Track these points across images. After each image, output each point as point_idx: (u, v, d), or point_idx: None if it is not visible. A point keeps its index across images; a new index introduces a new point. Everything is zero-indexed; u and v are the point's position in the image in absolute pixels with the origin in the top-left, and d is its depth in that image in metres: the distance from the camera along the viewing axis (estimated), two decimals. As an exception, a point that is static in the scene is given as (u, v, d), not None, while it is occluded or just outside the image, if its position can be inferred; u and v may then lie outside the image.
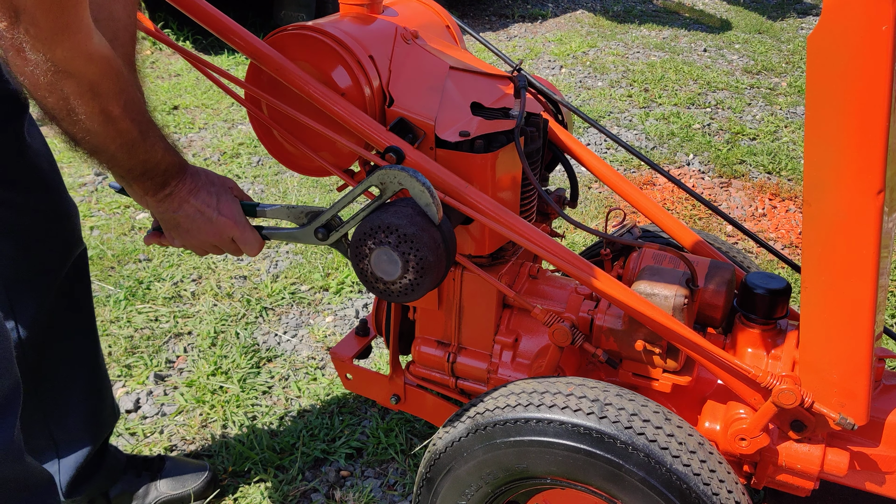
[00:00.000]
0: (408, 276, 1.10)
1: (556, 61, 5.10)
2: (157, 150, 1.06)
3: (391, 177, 1.10)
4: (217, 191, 1.17)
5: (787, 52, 5.52)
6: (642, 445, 1.07)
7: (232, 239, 1.19)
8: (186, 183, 1.14)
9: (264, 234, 1.23)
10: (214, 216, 1.16)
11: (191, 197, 1.14)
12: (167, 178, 1.11)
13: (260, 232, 1.22)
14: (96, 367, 1.58)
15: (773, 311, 1.28)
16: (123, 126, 0.98)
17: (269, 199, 3.13)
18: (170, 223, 1.16)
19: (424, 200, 1.09)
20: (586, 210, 3.08)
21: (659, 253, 1.41)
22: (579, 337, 1.28)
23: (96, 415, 1.57)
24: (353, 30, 1.29)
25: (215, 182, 1.18)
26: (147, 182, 1.10)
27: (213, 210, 1.16)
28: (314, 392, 2.05)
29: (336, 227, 1.21)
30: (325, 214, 1.19)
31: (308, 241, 1.22)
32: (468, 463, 1.21)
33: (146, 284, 2.51)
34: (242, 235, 1.19)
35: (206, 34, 5.04)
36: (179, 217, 1.15)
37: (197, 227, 1.16)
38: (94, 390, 1.57)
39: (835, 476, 1.22)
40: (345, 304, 2.46)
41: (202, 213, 1.15)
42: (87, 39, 0.87)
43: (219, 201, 1.17)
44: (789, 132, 3.98)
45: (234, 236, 1.19)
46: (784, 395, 1.12)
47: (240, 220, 1.19)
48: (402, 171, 1.09)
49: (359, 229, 1.13)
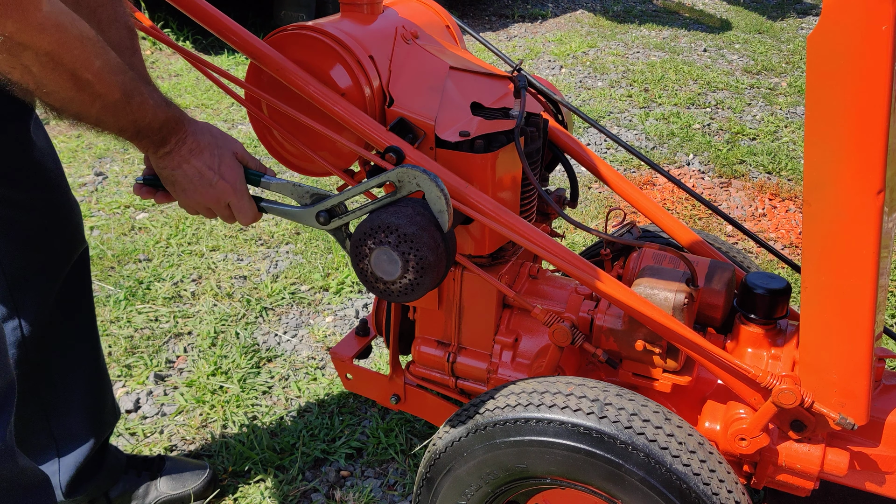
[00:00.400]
0: (408, 275, 1.10)
1: (556, 61, 5.10)
2: (146, 109, 1.02)
3: (410, 176, 1.09)
4: (221, 153, 1.13)
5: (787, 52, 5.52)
6: (642, 445, 1.07)
7: (228, 205, 1.16)
8: (187, 142, 1.10)
9: (262, 207, 1.20)
10: (214, 180, 1.12)
11: (191, 157, 1.10)
12: (165, 135, 1.07)
13: (258, 203, 1.19)
14: (97, 366, 1.58)
15: (773, 311, 1.28)
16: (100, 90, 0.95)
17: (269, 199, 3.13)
18: (167, 179, 1.13)
19: (438, 207, 1.09)
20: (586, 210, 3.08)
21: (659, 253, 1.41)
22: (579, 337, 1.28)
23: (97, 413, 1.57)
24: (353, 30, 1.29)
25: (220, 143, 1.14)
26: (144, 141, 1.06)
27: (213, 173, 1.12)
28: (314, 392, 2.05)
29: (339, 214, 1.18)
30: (331, 199, 1.17)
31: (307, 223, 1.19)
32: (468, 463, 1.21)
33: (146, 284, 2.51)
34: (239, 203, 1.16)
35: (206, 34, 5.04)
36: (177, 175, 1.11)
37: (194, 188, 1.12)
38: (95, 389, 1.57)
39: (835, 476, 1.22)
40: (345, 304, 2.46)
41: (202, 175, 1.11)
42: (35, 10, 0.84)
43: (221, 164, 1.13)
44: (789, 132, 3.98)
45: (231, 203, 1.16)
46: (784, 395, 1.12)
47: (239, 188, 1.15)
48: (423, 174, 1.08)
49: (359, 229, 1.12)
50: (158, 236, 2.80)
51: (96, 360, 1.58)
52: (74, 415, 1.53)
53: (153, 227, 2.87)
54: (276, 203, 1.20)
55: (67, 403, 1.52)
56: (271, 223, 2.94)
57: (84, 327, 1.54)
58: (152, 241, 2.77)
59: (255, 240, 2.83)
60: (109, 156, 3.50)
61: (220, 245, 2.77)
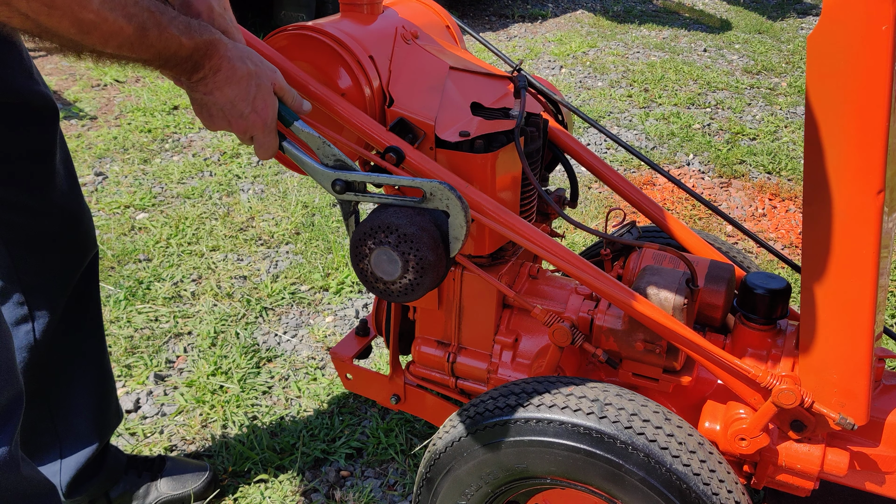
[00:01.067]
0: (408, 276, 1.10)
1: (556, 61, 5.10)
2: (168, 39, 0.96)
3: (444, 195, 1.07)
4: (259, 83, 1.08)
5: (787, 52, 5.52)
6: (642, 445, 1.07)
7: (251, 136, 1.12)
8: (223, 68, 1.04)
9: (283, 146, 1.15)
10: (246, 111, 1.07)
11: (226, 85, 1.05)
12: (196, 62, 1.02)
13: (280, 141, 1.15)
14: (103, 368, 1.58)
15: (773, 311, 1.28)
16: (109, 28, 0.90)
17: (269, 198, 3.13)
18: (198, 101, 1.08)
19: (456, 234, 1.07)
20: (586, 210, 3.08)
21: (659, 253, 1.41)
22: (579, 337, 1.28)
23: (101, 415, 1.57)
24: (353, 30, 1.29)
25: (259, 73, 1.08)
26: (175, 69, 1.01)
27: (246, 105, 1.07)
28: (314, 392, 2.05)
29: (357, 190, 1.14)
30: (355, 174, 1.13)
31: (321, 181, 1.15)
32: (468, 463, 1.21)
33: (146, 284, 2.51)
34: (264, 139, 1.12)
35: (206, 34, 5.03)
36: (208, 101, 1.06)
37: (223, 115, 1.07)
38: (101, 390, 1.58)
39: (835, 476, 1.22)
40: (345, 304, 2.46)
41: (234, 106, 1.06)
42: None
43: (256, 97, 1.08)
44: (789, 132, 3.98)
45: (257, 136, 1.11)
46: (784, 395, 1.12)
47: (269, 125, 1.11)
48: (458, 199, 1.06)
49: (358, 229, 1.12)
50: (158, 236, 2.80)
51: (102, 361, 1.58)
52: (80, 416, 1.53)
53: (153, 227, 2.87)
54: (297, 149, 1.15)
55: (73, 405, 1.52)
56: (271, 223, 2.94)
57: (91, 330, 1.55)
58: (152, 241, 2.77)
59: (255, 240, 2.83)
60: (109, 156, 3.50)
61: (220, 245, 2.77)
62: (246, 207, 3.05)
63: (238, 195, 3.16)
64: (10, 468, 1.07)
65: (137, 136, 3.72)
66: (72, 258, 1.44)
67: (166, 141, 3.70)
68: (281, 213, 3.02)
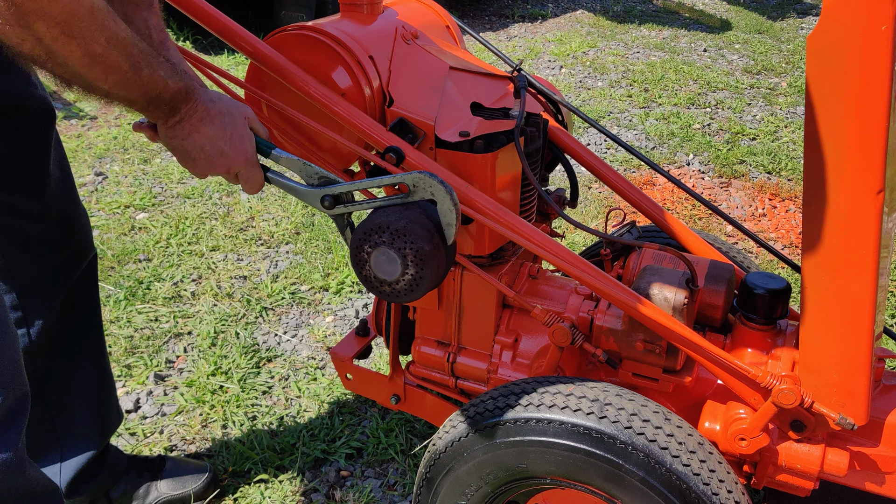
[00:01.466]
0: (409, 271, 1.10)
1: (556, 61, 5.10)
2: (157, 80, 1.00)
3: (426, 183, 1.08)
4: (232, 121, 1.11)
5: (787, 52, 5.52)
6: (642, 445, 1.07)
7: (236, 174, 1.14)
8: (198, 110, 1.08)
9: (268, 177, 1.18)
10: (225, 148, 1.10)
11: (202, 126, 1.08)
12: (175, 105, 1.05)
13: (265, 173, 1.17)
14: (102, 369, 1.58)
15: (773, 311, 1.27)
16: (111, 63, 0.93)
17: (268, 198, 3.13)
18: (177, 148, 1.11)
19: (448, 220, 1.08)
20: (586, 210, 3.08)
21: (659, 253, 1.41)
22: (579, 337, 1.28)
23: (101, 416, 1.57)
24: (353, 30, 1.29)
25: (232, 111, 1.12)
26: (154, 111, 1.05)
27: (224, 142, 1.10)
28: (314, 392, 2.05)
29: (345, 202, 1.16)
30: (340, 186, 1.14)
31: (310, 202, 1.17)
32: (468, 463, 1.21)
33: (146, 284, 2.51)
34: (248, 173, 1.14)
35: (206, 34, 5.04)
36: (187, 145, 1.09)
37: (204, 156, 1.10)
38: (100, 392, 1.58)
39: (835, 476, 1.22)
40: (345, 304, 2.46)
41: (213, 144, 1.09)
42: None
43: (232, 133, 1.11)
44: (789, 132, 3.98)
45: (241, 172, 1.14)
46: (784, 395, 1.12)
47: (250, 158, 1.13)
48: (440, 184, 1.07)
49: (353, 238, 1.13)
50: (158, 236, 2.80)
51: (102, 363, 1.58)
52: (79, 418, 1.53)
53: (153, 227, 2.87)
54: (282, 176, 1.17)
55: (72, 406, 1.52)
56: (271, 223, 2.94)
57: (90, 332, 1.55)
58: (152, 241, 2.77)
59: (255, 240, 2.83)
60: (109, 156, 3.50)
61: (220, 245, 2.77)
62: (246, 207, 3.05)
63: (238, 195, 3.16)
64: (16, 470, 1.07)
65: (137, 136, 3.72)
66: (68, 261, 1.43)
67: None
68: (281, 213, 3.02)
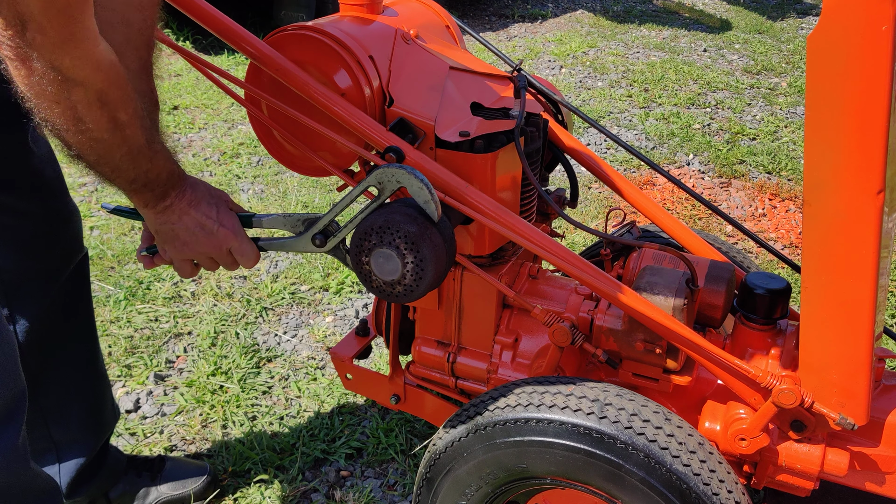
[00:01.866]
0: (408, 260, 1.10)
1: (556, 61, 5.10)
2: (160, 159, 1.05)
3: (388, 175, 1.09)
4: (216, 202, 1.16)
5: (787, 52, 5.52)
6: (642, 445, 1.07)
7: (230, 251, 1.19)
8: (186, 194, 1.13)
9: (261, 246, 1.22)
10: (215, 228, 1.15)
11: (191, 209, 1.13)
12: (167, 189, 1.10)
13: (256, 243, 1.22)
14: (96, 370, 1.58)
15: (773, 311, 1.27)
16: (130, 133, 0.97)
17: (269, 198, 3.13)
18: (167, 235, 1.15)
19: (423, 198, 1.08)
20: (586, 210, 3.08)
21: (659, 253, 1.41)
22: (579, 337, 1.28)
23: (96, 416, 1.57)
24: (353, 30, 1.29)
25: (213, 193, 1.17)
26: (148, 194, 1.08)
27: (213, 222, 1.15)
28: (314, 392, 2.05)
29: (333, 232, 1.20)
30: (321, 220, 1.18)
31: (306, 250, 1.21)
32: (468, 463, 1.21)
33: (146, 284, 2.51)
34: (241, 247, 1.19)
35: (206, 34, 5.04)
36: (178, 229, 1.13)
37: (196, 239, 1.14)
38: (94, 392, 1.57)
39: (835, 476, 1.22)
40: (345, 304, 2.46)
41: (202, 226, 1.14)
42: (94, 47, 0.86)
43: (218, 213, 1.16)
44: (789, 132, 3.98)
45: (233, 248, 1.18)
46: (784, 395, 1.12)
47: (239, 232, 1.18)
48: (400, 169, 1.08)
49: (354, 237, 1.14)
50: (158, 236, 2.80)
51: (95, 363, 1.58)
52: (74, 418, 1.53)
53: (153, 228, 2.87)
54: (273, 239, 1.23)
55: (66, 407, 1.52)
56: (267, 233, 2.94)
57: (82, 331, 1.54)
58: (152, 241, 2.76)
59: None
60: (109, 156, 3.50)
61: (220, 245, 2.77)
62: (246, 207, 3.05)
63: (238, 195, 3.16)
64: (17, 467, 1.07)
65: (137, 136, 3.72)
66: (57, 259, 1.42)
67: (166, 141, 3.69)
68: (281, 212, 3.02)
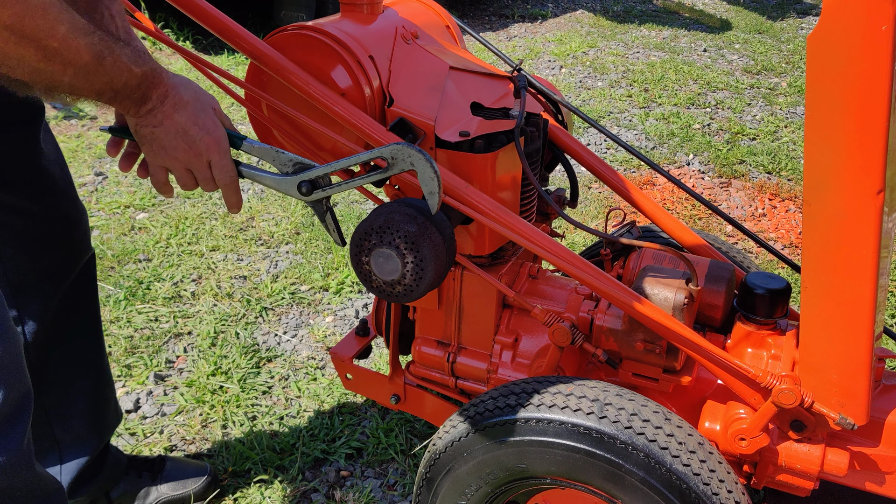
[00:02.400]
0: (408, 260, 1.11)
1: (556, 61, 5.10)
2: (120, 68, 0.96)
3: (405, 154, 1.04)
4: (203, 108, 1.08)
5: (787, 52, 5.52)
6: (642, 445, 1.07)
7: (209, 164, 1.10)
8: (170, 96, 1.05)
9: (240, 171, 1.14)
10: (199, 135, 1.06)
11: (174, 113, 1.04)
12: (145, 92, 1.02)
13: (237, 167, 1.14)
14: (101, 371, 1.58)
15: (773, 311, 1.28)
16: (70, 56, 0.90)
17: (269, 198, 3.13)
18: (147, 137, 1.06)
19: (430, 188, 1.04)
20: (586, 210, 3.08)
21: (659, 253, 1.41)
22: (579, 337, 1.28)
23: (100, 417, 1.57)
24: (353, 30, 1.29)
25: (201, 98, 1.09)
26: (125, 101, 1.01)
27: (198, 128, 1.06)
28: (314, 392, 2.05)
29: (322, 186, 1.12)
30: (315, 171, 1.11)
31: (286, 191, 1.13)
32: (468, 463, 1.21)
33: (146, 284, 2.51)
34: (221, 161, 1.10)
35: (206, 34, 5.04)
36: (159, 133, 1.05)
37: (176, 145, 1.06)
38: (99, 393, 1.57)
39: (835, 476, 1.22)
40: (345, 304, 2.46)
41: (186, 132, 1.06)
42: None
43: (204, 120, 1.07)
44: (789, 132, 3.98)
45: (214, 160, 1.10)
46: (784, 395, 1.12)
47: (223, 146, 1.10)
48: (418, 153, 1.03)
49: (354, 237, 1.13)
50: (158, 236, 2.80)
51: (100, 364, 1.58)
52: (77, 419, 1.53)
53: (153, 227, 2.87)
54: (255, 168, 1.14)
55: (70, 408, 1.52)
56: (271, 223, 2.94)
57: (89, 333, 1.54)
58: (152, 241, 2.77)
59: (255, 240, 2.83)
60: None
61: (220, 245, 2.77)
62: (246, 207, 3.05)
63: (238, 195, 3.16)
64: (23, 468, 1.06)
65: (137, 136, 3.72)
66: (64, 259, 1.42)
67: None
68: (281, 212, 3.02)
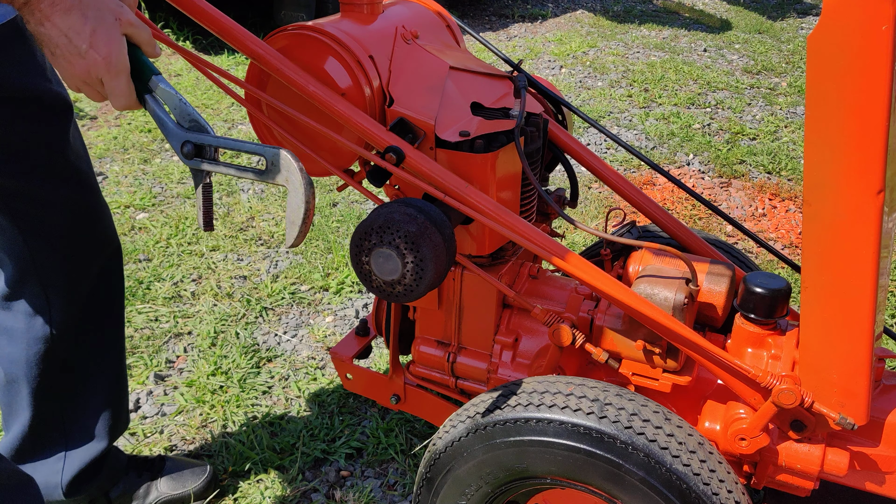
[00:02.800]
0: (408, 259, 1.11)
1: (556, 61, 5.10)
2: None
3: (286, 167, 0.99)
4: (97, 16, 0.95)
5: (787, 52, 5.52)
6: (642, 445, 1.07)
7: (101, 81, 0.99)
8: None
9: (142, 98, 1.04)
10: (83, 48, 0.95)
11: (55, 15, 0.93)
12: None
13: (142, 94, 1.04)
14: (119, 374, 1.58)
15: (773, 311, 1.27)
16: None
17: (269, 198, 3.13)
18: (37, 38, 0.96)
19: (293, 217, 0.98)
20: (586, 210, 3.08)
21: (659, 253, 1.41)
22: (579, 337, 1.28)
23: (112, 418, 1.57)
24: (353, 30, 1.29)
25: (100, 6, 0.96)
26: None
27: (82, 40, 0.94)
28: (314, 392, 2.05)
29: (207, 157, 1.04)
30: (206, 138, 1.04)
31: (172, 143, 1.06)
32: (468, 463, 1.21)
33: (146, 284, 2.51)
34: (113, 82, 0.99)
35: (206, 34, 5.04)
36: (42, 34, 0.95)
37: (62, 53, 0.95)
38: (114, 396, 1.57)
39: (835, 476, 1.22)
40: (345, 304, 2.46)
41: (69, 41, 0.94)
42: None
43: (95, 31, 0.95)
44: (789, 132, 3.98)
45: (105, 79, 0.99)
46: (784, 395, 1.12)
47: (115, 63, 0.97)
48: (299, 173, 0.97)
49: (354, 237, 1.14)
50: (158, 236, 2.80)
51: (120, 367, 1.58)
52: (90, 418, 1.53)
53: (153, 227, 2.87)
54: (159, 106, 1.04)
55: (85, 406, 1.52)
56: (271, 223, 2.94)
57: (112, 334, 1.55)
58: (152, 241, 2.77)
59: (255, 240, 2.83)
60: (109, 156, 3.50)
61: (220, 245, 2.77)
62: (246, 207, 3.05)
63: (238, 195, 3.16)
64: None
65: (137, 135, 3.72)
66: (89, 254, 1.43)
67: (166, 141, 3.69)
68: (281, 212, 3.02)
